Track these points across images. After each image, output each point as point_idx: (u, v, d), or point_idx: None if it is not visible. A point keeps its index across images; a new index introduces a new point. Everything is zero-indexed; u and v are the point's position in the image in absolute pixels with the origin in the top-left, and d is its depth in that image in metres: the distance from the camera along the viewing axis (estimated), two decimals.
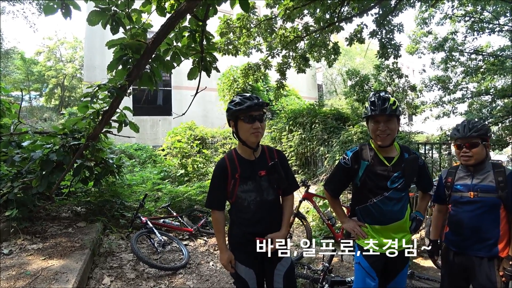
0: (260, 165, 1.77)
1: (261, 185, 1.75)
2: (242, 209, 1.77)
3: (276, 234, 1.75)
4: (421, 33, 11.04)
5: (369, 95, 1.90)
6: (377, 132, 1.77)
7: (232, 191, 1.74)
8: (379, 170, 1.80)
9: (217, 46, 6.95)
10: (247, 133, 1.69)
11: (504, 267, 1.83)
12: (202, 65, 3.02)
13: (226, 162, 1.76)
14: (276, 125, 8.30)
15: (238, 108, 1.68)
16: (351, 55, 18.17)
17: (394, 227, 1.83)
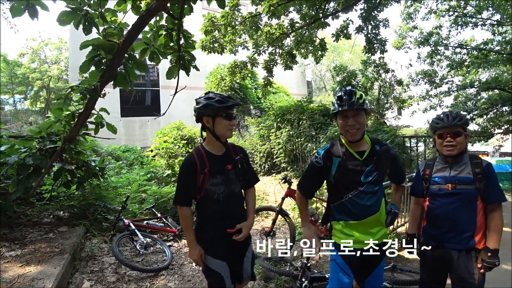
0: (227, 159, 1.88)
1: (229, 178, 1.85)
2: (212, 203, 1.82)
3: (245, 223, 1.89)
4: (407, 28, 11.14)
5: (336, 90, 1.88)
6: (347, 127, 1.76)
7: (201, 186, 1.79)
8: (352, 165, 1.78)
9: (202, 44, 6.92)
10: (225, 129, 1.82)
11: (482, 259, 1.84)
12: (180, 64, 2.97)
13: (195, 158, 1.80)
14: (264, 123, 8.29)
15: (222, 105, 1.78)
16: (339, 51, 18.25)
17: (370, 221, 1.82)
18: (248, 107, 10.94)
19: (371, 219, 1.82)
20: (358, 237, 1.82)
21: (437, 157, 2.09)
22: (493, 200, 1.87)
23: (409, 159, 5.89)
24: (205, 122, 1.83)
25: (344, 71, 9.00)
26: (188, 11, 2.87)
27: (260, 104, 10.72)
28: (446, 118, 1.94)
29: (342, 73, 9.01)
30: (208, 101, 1.80)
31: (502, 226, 1.85)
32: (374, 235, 1.83)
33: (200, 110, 1.82)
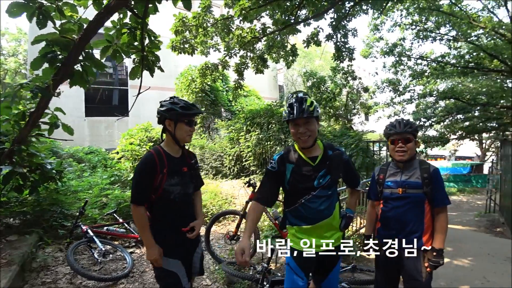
0: (183, 162, 1.98)
1: (185, 179, 1.95)
2: (169, 203, 1.88)
3: (197, 222, 2.02)
4: (373, 39, 11.68)
5: (287, 97, 1.92)
6: (298, 135, 1.80)
7: (159, 185, 1.83)
8: (304, 171, 1.82)
9: (172, 44, 6.78)
10: (185, 134, 1.92)
11: (429, 258, 1.96)
12: (144, 64, 2.87)
13: (155, 157, 1.84)
14: (234, 126, 8.28)
15: (185, 112, 1.89)
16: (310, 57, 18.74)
17: (323, 226, 1.85)
18: (219, 110, 10.85)
19: (324, 223, 1.85)
20: (312, 241, 1.84)
21: (390, 162, 2.21)
22: (438, 203, 2.01)
23: (372, 163, 6.17)
24: (167, 125, 1.91)
25: (314, 76, 9.24)
26: (153, 10, 2.78)
27: (231, 107, 10.68)
28: (398, 125, 2.06)
29: (312, 78, 9.24)
30: (173, 106, 1.88)
31: (447, 227, 1.99)
32: (327, 239, 1.86)
33: (163, 113, 1.90)
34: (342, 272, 3.19)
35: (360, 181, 2.20)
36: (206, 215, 5.41)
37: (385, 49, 11.19)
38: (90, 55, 2.47)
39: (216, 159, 8.67)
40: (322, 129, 7.26)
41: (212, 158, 8.73)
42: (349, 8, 6.96)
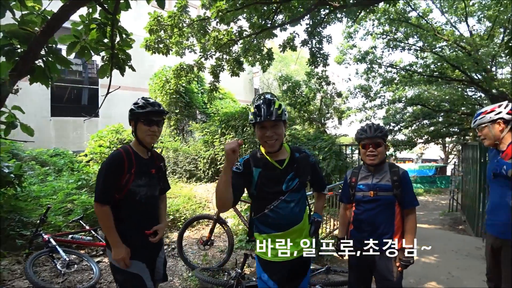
0: (151, 164, 1.96)
1: (152, 181, 1.92)
2: (134, 204, 1.83)
3: (161, 226, 1.97)
4: (347, 46, 12.07)
5: (255, 98, 1.92)
6: (264, 138, 1.74)
7: (125, 185, 1.78)
8: (272, 175, 1.77)
9: (147, 43, 6.57)
10: (144, 134, 1.88)
11: (400, 258, 2.03)
12: (113, 62, 2.73)
13: (124, 156, 1.80)
14: (209, 128, 8.17)
15: (140, 111, 1.87)
16: (286, 62, 19.03)
17: (294, 232, 1.80)
18: (194, 112, 10.65)
19: (295, 229, 1.80)
20: (282, 249, 1.77)
21: (362, 166, 2.27)
22: (407, 205, 2.09)
23: (345, 166, 6.33)
24: (132, 125, 1.94)
25: (289, 81, 9.37)
26: (125, 7, 2.67)
27: (206, 109, 10.52)
28: (369, 130, 2.12)
29: (287, 82, 9.36)
30: (132, 106, 1.92)
31: (415, 227, 2.08)
32: (298, 246, 1.81)
33: (128, 114, 1.93)
34: (316, 274, 3.21)
35: (326, 184, 2.17)
36: (179, 220, 5.26)
37: (358, 56, 11.61)
38: (54, 50, 2.31)
39: (190, 162, 8.48)
40: (296, 133, 7.34)
41: (186, 161, 8.54)
42: (324, 15, 7.15)
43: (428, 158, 28.93)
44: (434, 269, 3.78)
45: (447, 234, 6.03)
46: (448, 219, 8.02)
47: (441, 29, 10.33)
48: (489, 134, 2.22)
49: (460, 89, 12.26)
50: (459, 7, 10.24)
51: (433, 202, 13.23)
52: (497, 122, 2.17)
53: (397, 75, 11.76)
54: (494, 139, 2.19)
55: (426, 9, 10.61)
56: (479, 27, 11.20)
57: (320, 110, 9.70)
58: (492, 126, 2.19)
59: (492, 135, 2.20)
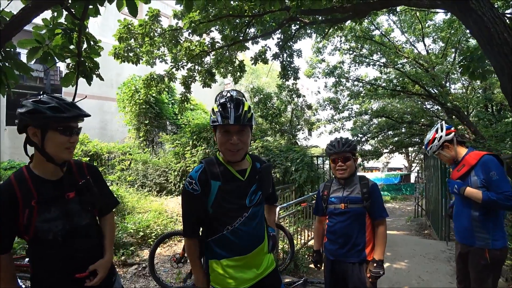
0: (67, 185, 1.43)
1: (70, 209, 1.41)
2: (47, 245, 1.36)
3: (100, 262, 1.48)
4: (316, 60, 12.55)
5: (219, 95, 1.57)
6: (227, 145, 1.46)
7: (28, 224, 1.31)
8: (235, 188, 1.50)
9: (115, 51, 6.34)
10: (61, 148, 1.36)
11: (370, 269, 2.06)
12: (80, 70, 2.59)
13: (14, 186, 1.32)
14: (180, 140, 7.99)
15: (58, 115, 1.33)
16: (257, 74, 19.31)
17: (258, 253, 1.54)
18: (164, 123, 10.38)
19: (257, 251, 1.53)
20: (245, 276, 1.49)
21: (333, 179, 2.33)
22: (377, 216, 2.15)
23: (316, 177, 6.46)
24: (31, 135, 1.34)
25: (261, 93, 9.50)
26: (94, 13, 2.56)
27: (177, 120, 10.31)
28: (337, 145, 2.17)
29: (259, 94, 9.48)
30: (37, 106, 1.31)
31: (385, 238, 2.14)
32: (260, 267, 1.55)
33: (23, 117, 1.32)
34: (293, 286, 3.18)
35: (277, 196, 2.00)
36: (150, 237, 5.00)
37: (327, 70, 12.10)
38: (12, 55, 2.13)
39: (161, 174, 8.20)
40: (268, 144, 7.40)
41: (156, 174, 8.23)
42: (295, 30, 7.39)
43: (393, 167, 30.55)
44: (405, 274, 3.91)
45: (414, 239, 6.31)
46: (414, 225, 8.42)
47: (401, 47, 11.14)
48: (445, 158, 2.42)
49: (420, 103, 13.19)
50: (417, 28, 11.13)
51: (400, 209, 13.89)
52: (445, 145, 2.37)
53: (363, 89, 12.37)
54: (452, 160, 2.38)
55: (388, 29, 11.43)
56: (434, 46, 12.23)
57: (291, 122, 9.90)
58: (443, 150, 2.39)
59: (448, 158, 2.39)
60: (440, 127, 2.42)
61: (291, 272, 3.90)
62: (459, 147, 2.34)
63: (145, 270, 3.99)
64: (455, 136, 2.35)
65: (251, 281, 1.50)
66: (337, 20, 6.28)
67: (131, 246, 4.57)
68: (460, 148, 2.34)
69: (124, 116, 9.88)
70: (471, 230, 2.19)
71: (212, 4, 5.62)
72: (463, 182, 2.24)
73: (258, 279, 1.53)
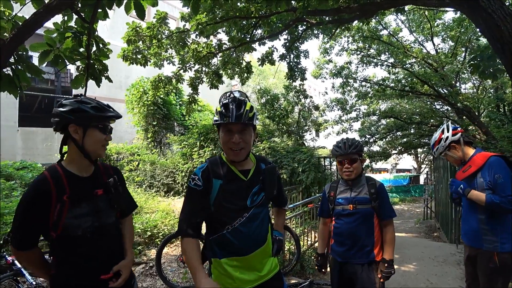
0: (96, 182, 1.49)
1: (99, 206, 1.45)
2: (76, 241, 1.37)
3: (124, 263, 1.51)
4: (323, 61, 12.50)
5: (222, 96, 1.58)
6: (230, 144, 1.47)
7: (58, 220, 1.33)
8: (236, 188, 1.50)
9: (124, 54, 6.45)
10: (98, 145, 1.47)
11: (381, 270, 2.05)
12: (89, 73, 2.64)
13: (49, 181, 1.34)
14: (187, 141, 8.05)
15: (100, 114, 1.44)
16: (265, 75, 19.34)
17: (258, 255, 1.52)
18: (172, 124, 10.48)
19: (259, 253, 1.52)
20: (245, 277, 1.48)
21: (340, 180, 2.31)
22: (385, 216, 2.13)
23: (324, 178, 6.43)
24: (72, 132, 1.41)
25: (268, 94, 9.50)
26: (103, 16, 2.62)
27: (184, 121, 10.39)
28: (343, 146, 2.16)
29: (266, 95, 9.49)
30: (81, 106, 1.41)
31: (394, 239, 2.12)
32: (263, 270, 1.53)
33: (65, 115, 1.39)
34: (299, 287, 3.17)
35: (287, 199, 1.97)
36: (157, 236, 5.05)
37: (334, 71, 12.04)
38: (24, 58, 2.20)
39: (168, 175, 8.27)
40: (275, 145, 7.39)
41: (163, 175, 8.31)
42: (301, 31, 7.38)
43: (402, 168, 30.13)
44: (414, 277, 3.86)
45: (423, 241, 6.22)
46: (423, 227, 8.29)
47: (410, 47, 11.01)
48: (451, 159, 2.38)
49: (429, 103, 13.00)
50: (426, 27, 10.98)
51: (409, 211, 13.70)
52: (451, 146, 2.33)
53: (371, 89, 12.27)
54: (459, 161, 2.34)
55: (396, 28, 11.31)
56: (444, 46, 12.05)
57: (298, 123, 9.86)
58: (450, 151, 2.35)
59: (455, 159, 2.35)
60: (446, 127, 2.38)
61: (297, 274, 3.89)
62: (467, 148, 2.30)
63: (152, 269, 4.03)
64: (462, 137, 2.31)
65: (252, 283, 1.49)
66: (344, 21, 6.25)
67: (138, 246, 4.62)
68: (468, 149, 2.30)
69: (133, 117, 10.01)
70: (479, 233, 2.16)
71: (219, 6, 5.67)
72: (468, 183, 2.20)
73: (260, 282, 1.51)
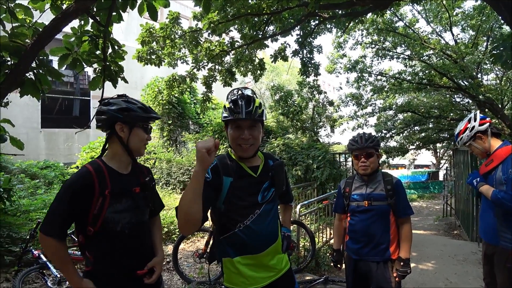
0: (134, 180, 1.53)
1: (137, 203, 1.49)
2: (114, 236, 1.40)
3: (157, 260, 1.55)
4: (337, 55, 12.29)
5: (230, 93, 1.58)
6: (239, 140, 1.46)
7: (99, 213, 1.36)
8: (247, 184, 1.49)
9: (139, 54, 6.59)
10: (141, 143, 1.53)
11: (397, 268, 2.01)
12: (105, 74, 2.73)
13: (93, 174, 1.37)
14: (202, 139, 8.13)
15: (145, 115, 1.52)
16: (278, 72, 19.24)
17: (270, 253, 1.51)
18: (187, 122, 10.63)
19: (270, 250, 1.51)
20: (257, 275, 1.47)
21: (355, 175, 2.27)
22: (402, 214, 2.08)
23: (339, 174, 6.35)
24: (118, 130, 1.46)
25: (282, 90, 9.45)
26: (117, 19, 2.69)
27: (199, 119, 10.52)
28: (360, 140, 2.12)
29: (279, 92, 9.44)
30: (129, 105, 1.48)
31: (411, 236, 2.07)
32: (275, 267, 1.53)
33: (114, 114, 1.44)
34: (314, 284, 3.17)
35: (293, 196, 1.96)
36: (174, 232, 5.17)
37: (348, 65, 11.82)
38: (45, 63, 2.29)
39: (184, 173, 8.41)
40: (290, 142, 7.36)
41: (179, 172, 8.46)
42: (314, 26, 7.29)
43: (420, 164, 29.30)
44: (432, 275, 3.77)
45: (443, 239, 6.05)
46: (443, 224, 8.06)
47: (427, 38, 10.64)
48: (476, 150, 2.26)
49: (448, 96, 12.55)
50: (444, 17, 10.58)
51: (427, 208, 13.33)
52: (477, 136, 2.21)
53: (387, 83, 11.99)
54: (484, 152, 2.22)
55: (413, 19, 10.95)
56: (463, 35, 11.57)
57: (312, 119, 9.75)
58: (475, 142, 2.23)
59: (480, 150, 2.23)
60: (473, 116, 2.25)
61: (312, 270, 3.89)
62: (493, 139, 2.17)
63: (169, 264, 4.14)
64: (489, 127, 2.18)
65: (264, 280, 1.48)
66: (357, 14, 6.12)
67: None
68: (494, 141, 2.17)
69: None
70: (495, 229, 2.08)
71: (230, 4, 5.68)
72: (487, 177, 2.12)
73: (272, 280, 1.51)
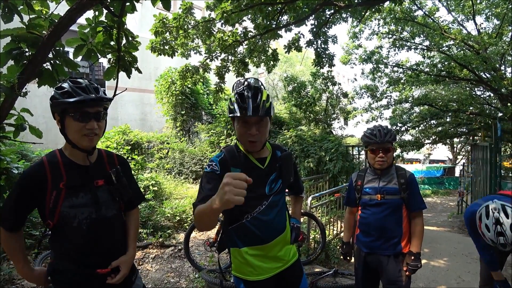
0: (97, 172, 1.41)
1: (98, 197, 1.38)
2: (71, 232, 1.32)
3: (123, 259, 1.43)
4: (352, 46, 11.98)
5: (236, 83, 1.54)
6: (247, 136, 1.45)
7: (54, 208, 1.28)
8: (255, 176, 1.40)
9: (152, 45, 6.63)
10: (78, 135, 1.33)
11: (407, 262, 2.01)
12: (120, 64, 2.75)
13: (46, 167, 1.30)
14: (215, 129, 8.19)
15: (69, 100, 1.28)
16: (291, 62, 18.99)
17: (278, 243, 1.54)
18: (199, 113, 10.70)
19: (278, 241, 1.54)
20: (265, 265, 1.51)
21: (367, 168, 2.24)
22: (415, 208, 2.06)
23: (351, 167, 6.28)
24: (56, 121, 1.36)
25: (295, 81, 9.34)
26: (131, 9, 2.69)
27: (212, 110, 10.56)
28: (379, 134, 2.06)
29: (292, 83, 9.34)
30: (55, 92, 1.32)
31: (423, 231, 2.05)
32: (282, 258, 1.56)
33: (50, 103, 1.34)
34: (323, 277, 3.19)
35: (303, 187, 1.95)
36: (186, 221, 5.27)
37: (364, 56, 11.52)
38: (61, 53, 2.33)
39: (196, 163, 8.51)
40: (302, 133, 7.31)
41: (192, 162, 8.57)
42: (329, 15, 7.11)
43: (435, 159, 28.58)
44: (444, 273, 3.72)
45: (457, 237, 5.92)
46: (457, 221, 7.88)
47: (448, 28, 10.19)
48: None
49: (468, 89, 12.09)
50: (466, 5, 10.09)
51: (441, 204, 13.05)
52: None
53: (403, 75, 11.63)
54: None
55: (433, 8, 10.48)
56: (487, 25, 11.01)
57: (326, 111, 9.62)
58: None
59: None
60: None
61: (322, 262, 3.90)
62: None
63: (180, 252, 4.24)
64: None
65: (272, 271, 1.52)
66: (374, 2, 5.93)
67: (168, 229, 4.87)
68: None
69: (162, 107, 10.34)
70: None
71: None
72: None
73: (280, 270, 1.54)
